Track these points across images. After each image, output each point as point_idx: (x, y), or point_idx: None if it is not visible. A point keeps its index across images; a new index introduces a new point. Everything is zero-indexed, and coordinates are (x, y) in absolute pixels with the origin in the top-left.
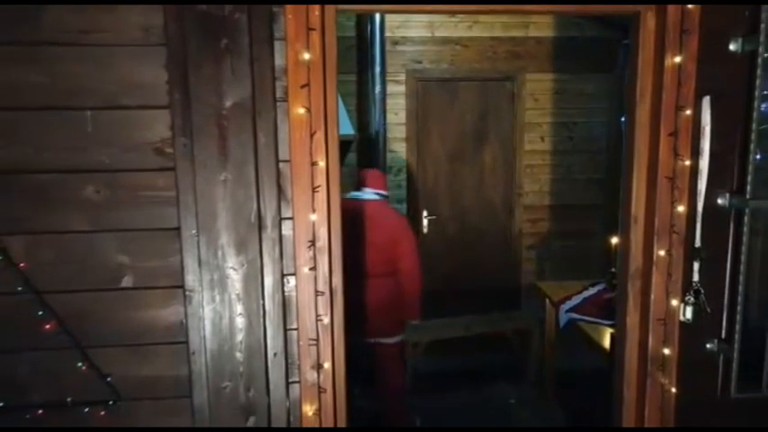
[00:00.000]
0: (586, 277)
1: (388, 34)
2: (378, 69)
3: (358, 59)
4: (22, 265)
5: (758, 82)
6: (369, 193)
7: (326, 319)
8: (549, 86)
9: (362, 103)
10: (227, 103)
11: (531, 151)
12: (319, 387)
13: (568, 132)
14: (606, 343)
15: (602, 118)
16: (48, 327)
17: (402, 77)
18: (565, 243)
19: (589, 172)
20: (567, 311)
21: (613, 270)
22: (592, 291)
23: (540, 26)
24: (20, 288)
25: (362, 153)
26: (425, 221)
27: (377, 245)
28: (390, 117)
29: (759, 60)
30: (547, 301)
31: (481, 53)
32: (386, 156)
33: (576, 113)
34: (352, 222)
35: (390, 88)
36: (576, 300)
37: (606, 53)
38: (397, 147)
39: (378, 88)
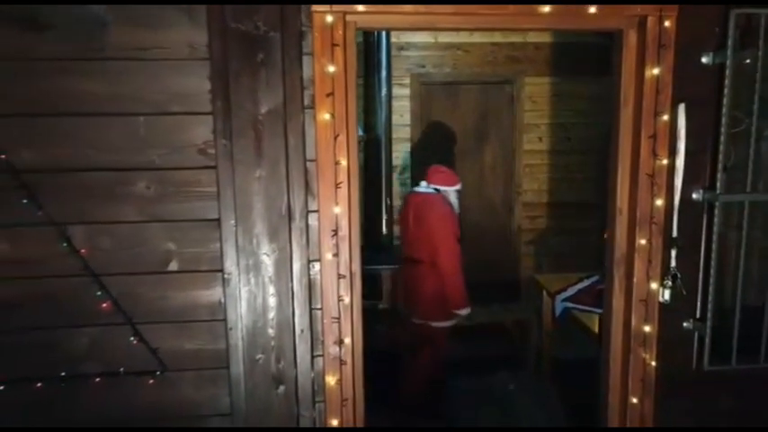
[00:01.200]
0: (582, 270)
1: (393, 40)
2: (384, 73)
3: (365, 64)
4: (82, 251)
5: (726, 91)
6: (423, 187)
7: (347, 300)
8: (547, 89)
9: (369, 105)
10: (263, 110)
11: (529, 151)
12: (341, 360)
13: (565, 133)
14: (597, 328)
15: (598, 119)
16: (104, 305)
17: (407, 81)
18: (562, 239)
19: (585, 171)
20: (563, 301)
21: None
22: (586, 282)
23: (538, 33)
24: (81, 271)
25: (369, 153)
26: None
27: (420, 234)
28: (395, 118)
29: (727, 72)
30: (544, 292)
31: (482, 58)
32: (391, 155)
33: (572, 115)
34: (405, 212)
35: (395, 91)
36: (571, 291)
37: (601, 58)
38: (402, 147)
39: (383, 91)
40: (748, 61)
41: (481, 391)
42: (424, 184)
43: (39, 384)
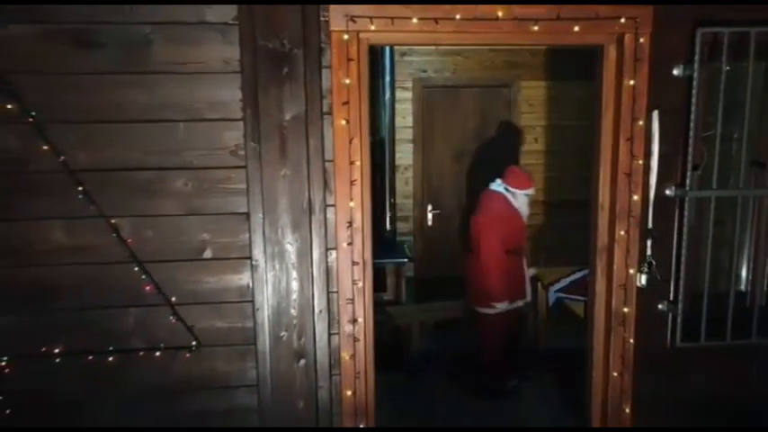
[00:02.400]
0: (575, 264)
1: (396, 46)
2: (387, 78)
3: (370, 69)
4: (129, 240)
5: (694, 100)
6: (496, 185)
7: (360, 284)
8: (543, 93)
9: (373, 108)
10: (287, 116)
11: (526, 151)
12: (354, 337)
13: (560, 134)
14: (584, 314)
15: (591, 121)
16: (147, 288)
17: (409, 85)
18: (557, 234)
19: (579, 170)
20: (556, 291)
21: None
22: (578, 275)
23: None
24: (127, 258)
25: (374, 153)
26: (430, 215)
27: (472, 227)
28: (398, 120)
29: (695, 83)
30: (539, 284)
31: (481, 63)
32: (394, 155)
33: (566, 117)
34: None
35: (398, 95)
36: (563, 282)
37: (593, 63)
38: (405, 147)
39: (387, 95)
40: (728, 68)
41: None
42: (498, 181)
43: (90, 357)
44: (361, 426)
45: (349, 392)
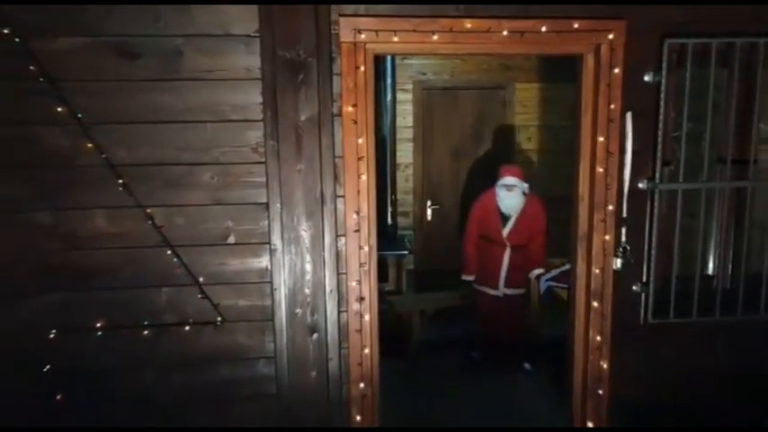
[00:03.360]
0: (565, 256)
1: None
2: (389, 80)
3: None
4: (162, 227)
5: (662, 103)
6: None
7: (366, 267)
8: (536, 94)
9: (376, 109)
10: (302, 118)
11: (521, 150)
12: (361, 314)
13: (553, 134)
14: None
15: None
16: (178, 270)
17: (409, 87)
18: (550, 229)
19: (570, 168)
20: (546, 280)
21: None
22: (568, 266)
23: None
24: (160, 243)
25: (376, 151)
26: (429, 211)
27: None
28: (399, 120)
29: (662, 88)
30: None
31: (477, 66)
32: (395, 154)
33: (559, 117)
34: None
35: (399, 96)
36: (554, 272)
37: None
38: (405, 146)
39: (389, 96)
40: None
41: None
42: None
43: (127, 331)
44: (365, 390)
45: (357, 363)
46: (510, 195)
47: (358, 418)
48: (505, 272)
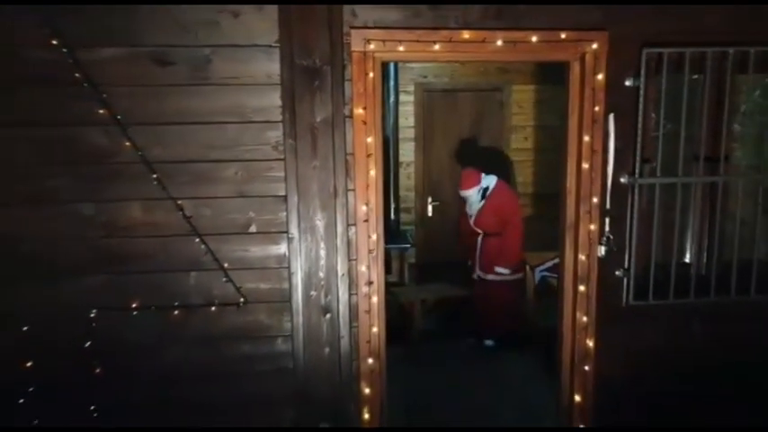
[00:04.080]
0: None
1: None
2: (392, 83)
3: None
4: (191, 217)
5: (641, 106)
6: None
7: (374, 253)
8: (532, 96)
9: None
10: (317, 119)
11: (516, 149)
12: (369, 296)
13: (547, 134)
14: None
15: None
16: (205, 256)
17: (411, 89)
18: (545, 223)
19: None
20: (541, 271)
21: None
22: None
23: None
24: (189, 232)
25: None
26: (430, 207)
27: None
28: (401, 121)
29: (641, 92)
30: (527, 266)
31: (475, 69)
32: (398, 153)
33: (553, 118)
34: None
35: (402, 98)
36: (548, 264)
37: None
38: (408, 145)
39: (392, 98)
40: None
41: (475, 349)
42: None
43: (160, 310)
44: (373, 366)
45: (366, 341)
46: (469, 203)
47: (367, 390)
48: (479, 257)
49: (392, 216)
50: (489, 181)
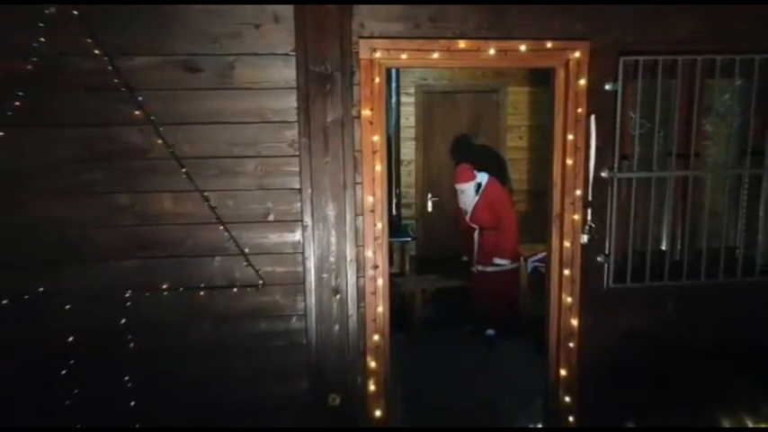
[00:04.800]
0: None
1: None
2: (393, 85)
3: None
4: (216, 207)
5: (619, 108)
6: None
7: (380, 240)
8: (526, 97)
9: None
10: (329, 120)
11: (512, 148)
12: (375, 278)
13: (541, 133)
14: None
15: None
16: (228, 242)
17: (412, 91)
18: (538, 218)
19: None
20: (533, 262)
21: None
22: None
23: None
24: (214, 221)
25: None
26: (430, 202)
27: None
28: (403, 121)
29: (619, 96)
30: (522, 259)
31: (473, 72)
32: (399, 151)
33: (546, 119)
34: None
35: (403, 99)
36: (539, 255)
37: None
38: (408, 144)
39: (393, 99)
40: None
41: (473, 335)
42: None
43: (187, 291)
44: (378, 342)
45: (372, 319)
46: (462, 197)
47: (372, 364)
48: (476, 251)
49: (394, 211)
50: (482, 178)
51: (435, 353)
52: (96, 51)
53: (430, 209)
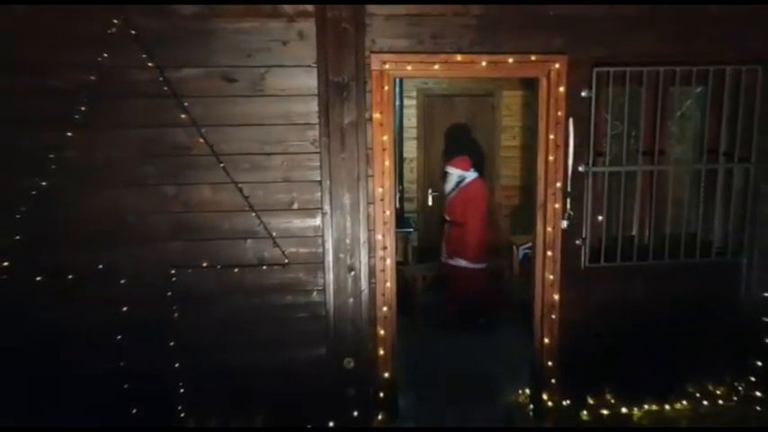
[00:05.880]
0: None
1: None
2: (397, 89)
3: None
4: (248, 197)
5: (593, 112)
6: None
7: (388, 225)
8: (519, 100)
9: None
10: (345, 122)
11: (506, 146)
12: (384, 258)
13: (533, 133)
14: None
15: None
16: (258, 227)
17: (414, 94)
18: (529, 211)
19: None
20: (523, 250)
21: None
22: None
23: None
24: (247, 209)
25: None
26: (430, 197)
27: None
28: (405, 122)
29: (593, 102)
30: (514, 247)
31: (470, 77)
32: (402, 149)
33: (533, 121)
34: None
35: (406, 102)
36: (529, 244)
37: None
38: (411, 143)
39: (397, 102)
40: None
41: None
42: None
43: (224, 269)
44: (386, 313)
45: (381, 293)
46: (445, 180)
47: (381, 332)
48: (444, 243)
49: (397, 204)
50: (471, 175)
51: (434, 332)
52: (149, 64)
53: (430, 203)
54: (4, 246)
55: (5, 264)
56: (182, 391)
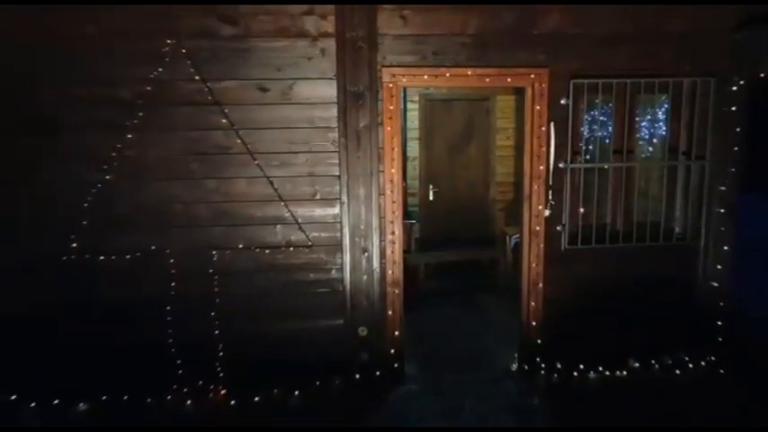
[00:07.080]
0: None
1: None
2: (402, 94)
3: None
4: (278, 189)
5: (571, 117)
6: None
7: (396, 213)
8: (512, 104)
9: None
10: (361, 125)
11: (501, 146)
12: (393, 242)
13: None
14: None
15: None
16: (286, 214)
17: (416, 99)
18: (520, 205)
19: None
20: (515, 238)
21: None
22: None
23: None
24: (276, 199)
25: None
26: (431, 193)
27: None
28: (408, 124)
29: (570, 108)
30: (507, 237)
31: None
32: (406, 149)
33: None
34: None
35: (409, 106)
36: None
37: None
38: (413, 143)
39: (401, 106)
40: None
41: (467, 304)
42: None
43: (257, 250)
44: (394, 289)
45: (390, 272)
46: None
47: (390, 305)
48: None
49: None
50: None
51: (436, 314)
52: (196, 77)
53: (431, 198)
54: (73, 230)
55: (74, 245)
56: (221, 354)
